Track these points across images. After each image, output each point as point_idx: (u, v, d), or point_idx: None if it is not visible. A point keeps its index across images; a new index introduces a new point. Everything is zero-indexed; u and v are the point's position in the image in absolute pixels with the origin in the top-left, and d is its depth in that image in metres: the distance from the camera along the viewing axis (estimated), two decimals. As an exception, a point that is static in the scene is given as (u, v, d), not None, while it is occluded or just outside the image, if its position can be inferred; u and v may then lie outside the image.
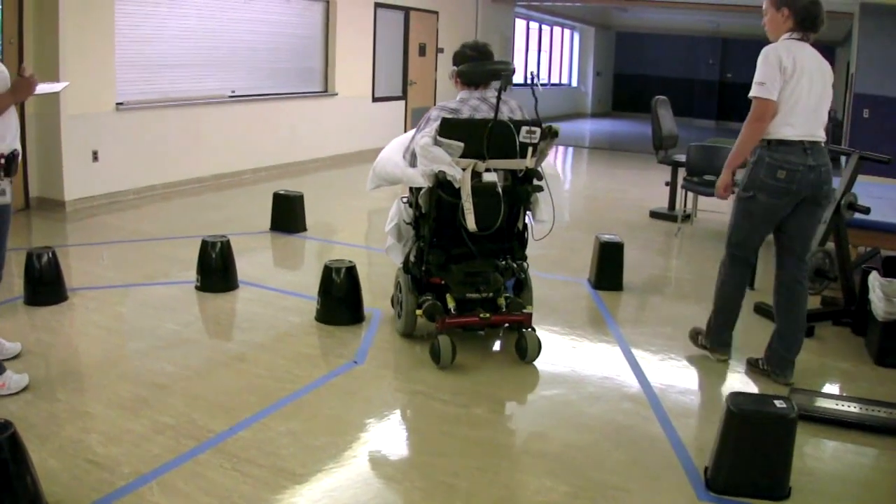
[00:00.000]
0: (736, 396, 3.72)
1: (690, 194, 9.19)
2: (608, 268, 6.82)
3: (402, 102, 15.89)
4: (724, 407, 3.69)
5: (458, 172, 4.78)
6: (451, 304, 5.13)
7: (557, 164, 15.72)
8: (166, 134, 10.61)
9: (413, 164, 5.03)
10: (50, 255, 6.11)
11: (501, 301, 5.23)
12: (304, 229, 8.53)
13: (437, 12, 16.70)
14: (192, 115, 11.08)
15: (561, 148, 17.81)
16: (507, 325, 5.42)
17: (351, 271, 5.80)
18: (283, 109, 12.74)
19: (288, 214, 8.49)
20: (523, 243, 5.37)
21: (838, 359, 5.51)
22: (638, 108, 24.20)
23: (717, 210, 9.26)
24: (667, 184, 10.09)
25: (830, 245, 6.03)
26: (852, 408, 4.50)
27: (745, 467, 3.64)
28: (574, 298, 6.71)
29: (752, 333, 5.79)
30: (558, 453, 4.05)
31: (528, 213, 5.35)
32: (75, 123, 9.36)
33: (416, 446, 4.14)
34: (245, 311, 6.19)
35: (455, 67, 5.18)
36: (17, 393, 4.46)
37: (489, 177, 5.01)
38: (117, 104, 9.92)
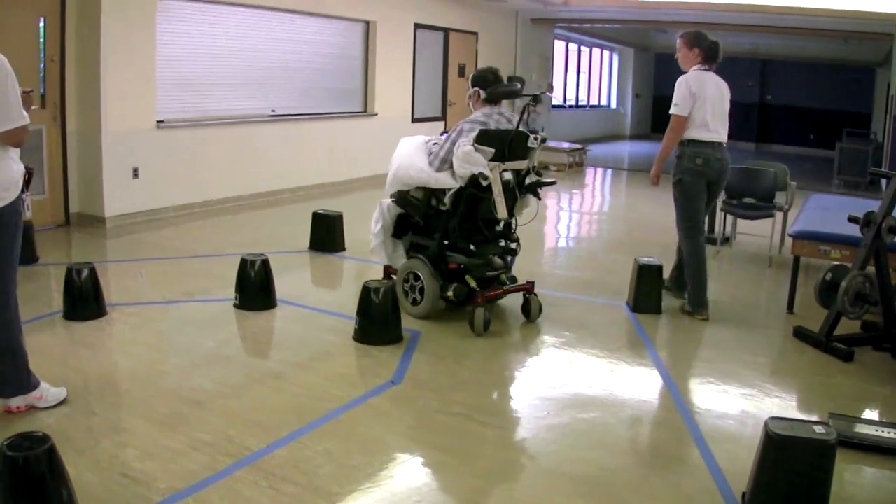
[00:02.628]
0: (774, 421, 3.63)
1: (730, 217, 9.08)
2: (646, 291, 6.74)
3: (442, 123, 15.87)
4: (762, 432, 3.63)
5: (494, 173, 5.77)
6: (472, 284, 6.05)
7: (596, 185, 15.68)
8: (206, 152, 10.66)
9: (441, 169, 6.01)
10: (89, 270, 6.12)
11: (503, 276, 6.36)
12: (343, 249, 8.50)
13: (476, 33, 16.72)
14: (232, 134, 11.12)
15: (599, 170, 17.76)
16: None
17: (389, 292, 5.76)
18: (322, 129, 12.77)
19: (327, 234, 8.47)
20: (514, 228, 6.41)
21: (878, 384, 5.39)
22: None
23: (756, 234, 9.15)
24: (707, 206, 10.00)
25: (871, 269, 5.92)
26: (892, 434, 4.38)
27: (782, 493, 3.55)
28: (612, 321, 6.63)
29: (789, 356, 5.77)
30: (594, 476, 3.99)
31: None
32: (116, 141, 9.42)
33: (452, 468, 4.07)
34: (283, 329, 6.17)
35: (477, 88, 6.23)
36: (54, 406, 4.46)
37: (506, 175, 6.01)
38: (158, 122, 9.99)
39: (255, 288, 6.45)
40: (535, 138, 6.10)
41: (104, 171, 9.38)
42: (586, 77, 25.36)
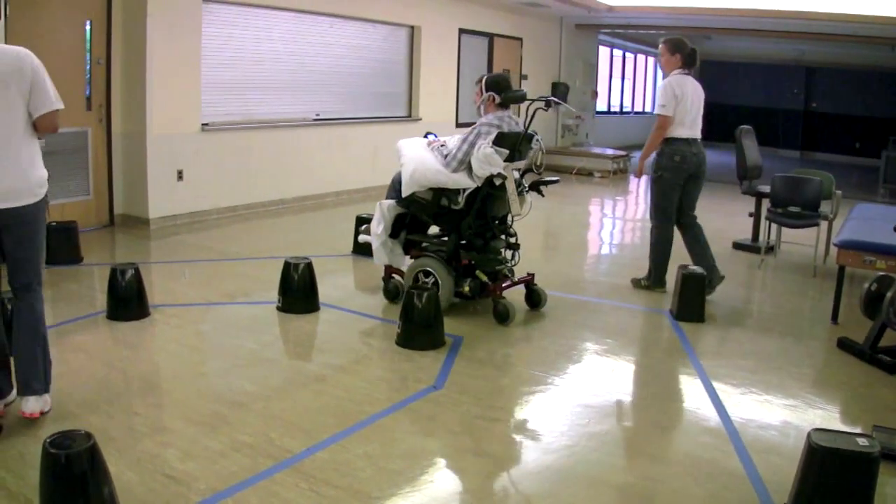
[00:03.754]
0: (818, 433, 3.56)
1: (774, 226, 8.96)
2: (690, 299, 6.64)
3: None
4: (805, 443, 3.57)
5: (508, 173, 6.09)
6: (483, 278, 6.39)
7: (640, 192, 15.57)
8: (250, 155, 10.70)
9: (458, 170, 6.21)
10: (133, 271, 6.15)
11: (504, 269, 6.64)
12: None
13: (520, 39, 16.69)
14: (276, 138, 11.16)
15: (644, 177, 17.61)
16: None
17: (432, 297, 5.73)
18: (366, 133, 12.78)
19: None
20: (511, 223, 6.74)
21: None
22: (721, 137, 23.77)
23: (801, 242, 9.02)
24: (750, 215, 9.86)
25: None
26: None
27: (824, 506, 3.49)
28: (655, 329, 6.56)
29: (832, 367, 5.68)
30: (636, 485, 3.93)
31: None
32: (161, 143, 9.48)
33: (493, 474, 4.02)
34: (326, 332, 6.15)
35: (492, 93, 6.43)
36: (96, 406, 4.46)
37: (516, 174, 6.32)
38: (203, 125, 10.05)
39: (298, 291, 6.44)
40: (538, 140, 6.48)
41: (149, 174, 9.44)
42: (630, 83, 25.23)
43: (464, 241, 6.44)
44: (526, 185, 6.56)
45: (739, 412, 4.80)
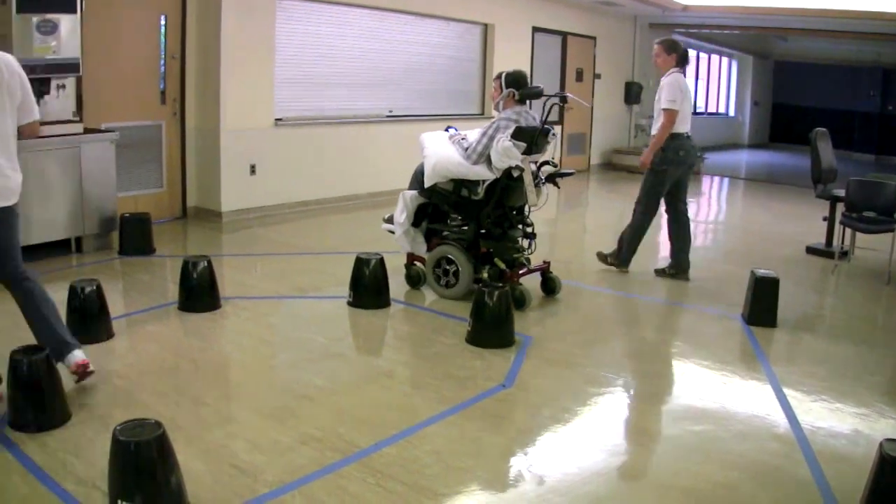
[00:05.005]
0: (890, 443, 3.46)
1: (849, 230, 8.73)
2: (762, 304, 6.49)
3: (559, 127, 15.73)
4: (876, 453, 3.48)
5: (525, 165, 6.35)
6: (501, 265, 6.57)
7: (712, 193, 15.35)
8: (322, 151, 10.72)
9: (478, 162, 6.45)
10: (206, 263, 6.17)
11: (521, 257, 6.82)
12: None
13: (594, 38, 16.52)
14: (349, 133, 11.17)
15: (716, 178, 17.38)
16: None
17: (504, 296, 5.67)
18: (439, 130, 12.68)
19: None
20: (528, 213, 6.95)
21: None
22: (796, 139, 23.37)
23: (875, 248, 8.78)
24: (825, 219, 9.63)
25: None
26: None
27: (895, 516, 3.37)
28: (726, 333, 6.41)
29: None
30: (704, 490, 3.84)
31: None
32: (235, 137, 9.54)
33: (560, 473, 3.95)
34: (396, 329, 6.13)
35: (512, 89, 6.63)
36: (166, 396, 4.47)
37: (532, 167, 6.61)
38: (276, 120, 10.08)
39: (369, 286, 6.41)
40: (553, 134, 6.70)
41: (222, 168, 9.51)
42: (704, 84, 24.89)
43: (483, 231, 6.69)
44: (542, 177, 6.79)
45: (809, 419, 4.67)
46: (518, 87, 6.67)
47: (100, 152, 7.80)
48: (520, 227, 6.89)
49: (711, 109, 25.56)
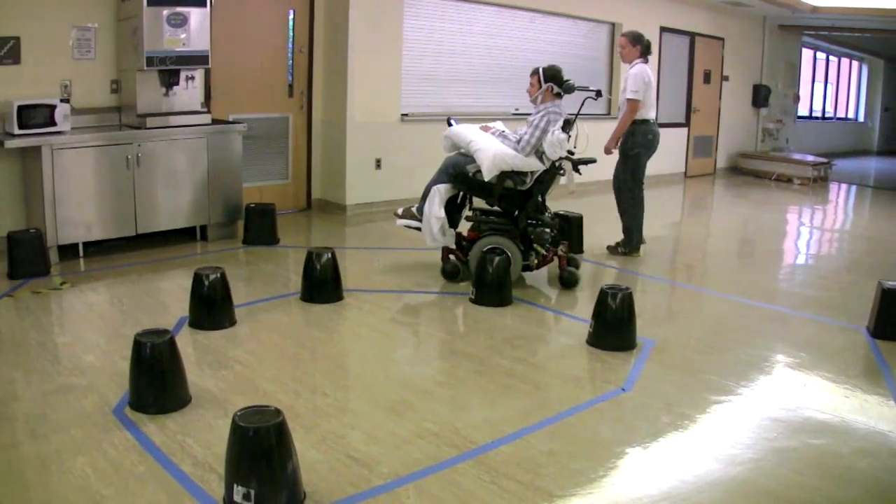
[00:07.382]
0: None
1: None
2: (889, 316, 6.20)
3: (685, 129, 15.44)
4: None
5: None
6: (541, 251, 7.06)
7: (840, 201, 14.89)
8: (447, 147, 10.67)
9: (530, 154, 6.84)
10: (329, 255, 6.20)
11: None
12: (581, 251, 8.32)
13: (722, 39, 16.12)
14: (474, 131, 11.08)
15: (844, 186, 16.81)
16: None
17: (627, 298, 5.55)
18: (564, 130, 12.57)
19: (567, 235, 8.28)
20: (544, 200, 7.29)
21: None
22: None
23: None
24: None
25: None
26: None
27: None
28: (850, 346, 6.13)
29: None
30: (817, 504, 3.68)
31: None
32: (361, 131, 9.61)
33: (675, 481, 3.82)
34: (517, 327, 6.03)
35: (552, 84, 7.15)
36: (285, 384, 4.48)
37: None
38: (402, 115, 10.10)
39: (491, 284, 6.36)
40: (576, 126, 7.08)
41: (348, 161, 9.60)
42: (833, 88, 24.16)
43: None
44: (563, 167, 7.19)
45: (935, 439, 4.43)
46: (557, 81, 7.17)
47: (227, 143, 7.96)
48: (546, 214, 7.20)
49: (840, 115, 24.81)
